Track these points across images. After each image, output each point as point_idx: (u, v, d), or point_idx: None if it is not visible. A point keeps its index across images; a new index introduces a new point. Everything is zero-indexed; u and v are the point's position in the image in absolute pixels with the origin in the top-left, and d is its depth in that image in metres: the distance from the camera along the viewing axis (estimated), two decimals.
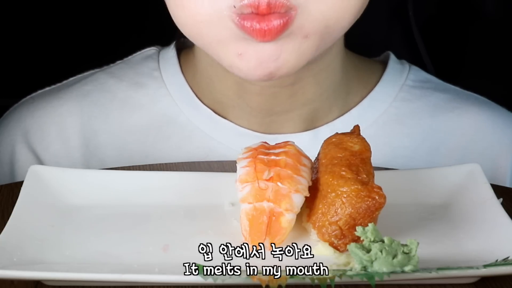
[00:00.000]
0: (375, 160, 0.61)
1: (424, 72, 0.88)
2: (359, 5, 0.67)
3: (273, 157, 0.61)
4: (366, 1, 0.68)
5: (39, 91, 0.87)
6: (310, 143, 0.66)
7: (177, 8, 0.66)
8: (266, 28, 0.63)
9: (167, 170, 0.73)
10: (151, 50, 0.87)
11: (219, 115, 0.81)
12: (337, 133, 0.63)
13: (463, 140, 0.83)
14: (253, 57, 0.65)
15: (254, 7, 0.62)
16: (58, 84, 0.87)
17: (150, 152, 0.81)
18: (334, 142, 0.62)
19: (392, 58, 0.86)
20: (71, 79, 0.87)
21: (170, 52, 0.85)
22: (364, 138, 0.62)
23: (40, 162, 0.82)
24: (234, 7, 0.63)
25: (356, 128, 0.63)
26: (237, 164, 0.62)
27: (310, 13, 0.64)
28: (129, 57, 0.88)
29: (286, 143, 0.63)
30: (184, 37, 0.72)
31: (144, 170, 0.71)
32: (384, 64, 0.86)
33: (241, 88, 0.77)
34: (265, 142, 0.64)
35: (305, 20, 0.64)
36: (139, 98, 0.83)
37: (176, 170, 0.73)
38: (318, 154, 0.63)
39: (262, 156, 0.61)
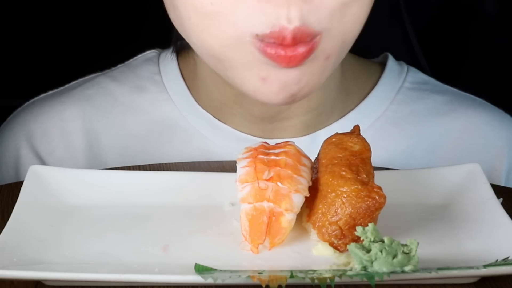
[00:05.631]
0: None
1: (422, 74, 0.88)
2: (367, 15, 0.67)
3: (273, 157, 0.61)
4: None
5: (42, 95, 0.87)
6: (309, 147, 0.66)
7: (203, 34, 0.65)
8: (292, 55, 0.62)
9: (167, 170, 0.73)
10: (151, 53, 0.87)
11: (219, 120, 0.81)
12: (337, 133, 0.63)
13: (459, 143, 0.83)
14: (276, 82, 0.64)
15: (278, 39, 0.61)
16: (61, 88, 0.87)
17: (152, 155, 0.81)
18: (334, 142, 0.62)
19: (390, 59, 0.86)
20: (73, 82, 0.87)
21: (170, 56, 0.84)
22: (364, 138, 0.62)
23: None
24: (257, 35, 0.62)
25: (356, 128, 0.63)
26: (237, 164, 0.62)
27: (332, 35, 0.64)
28: (130, 60, 0.88)
29: (286, 143, 0.63)
30: (182, 39, 0.71)
31: (144, 170, 0.71)
32: (382, 66, 0.85)
33: (243, 99, 0.77)
34: (265, 142, 0.64)
35: (328, 42, 0.64)
36: (140, 102, 0.83)
37: (176, 170, 0.73)
38: (318, 154, 0.63)
39: (262, 156, 0.61)
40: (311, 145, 0.75)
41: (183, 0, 0.64)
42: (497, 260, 0.56)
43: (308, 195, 0.60)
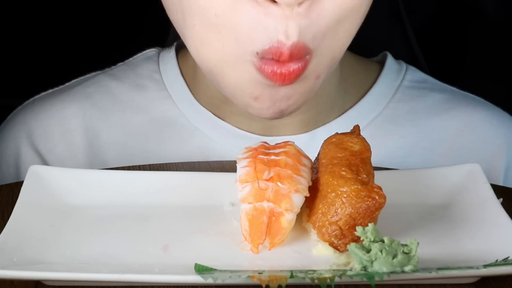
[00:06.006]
0: None
1: (420, 72, 0.88)
2: (357, 28, 0.67)
3: (273, 157, 0.61)
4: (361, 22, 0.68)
5: (42, 93, 0.87)
6: (308, 145, 0.66)
7: (203, 46, 0.65)
8: (286, 73, 0.63)
9: (167, 170, 0.73)
10: (151, 52, 0.88)
11: (218, 117, 0.81)
12: (337, 133, 0.63)
13: (457, 141, 0.83)
14: (267, 100, 0.65)
15: (276, 55, 0.62)
16: (61, 86, 0.88)
17: (151, 153, 0.81)
18: (334, 142, 0.62)
19: (389, 58, 0.86)
20: (73, 81, 0.88)
21: (170, 54, 0.85)
22: (364, 138, 0.62)
23: (45, 163, 0.82)
24: (257, 53, 0.63)
25: (356, 128, 0.63)
26: (237, 164, 0.62)
27: (322, 54, 0.65)
28: (130, 58, 0.89)
29: (286, 143, 0.63)
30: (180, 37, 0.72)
31: (144, 170, 0.71)
32: (381, 64, 0.86)
33: None
34: (265, 142, 0.64)
35: (318, 62, 0.65)
36: (140, 100, 0.84)
37: (176, 170, 0.73)
38: (318, 154, 0.63)
39: (262, 156, 0.61)
40: (310, 142, 0.75)
41: (190, 6, 0.64)
42: (497, 260, 0.56)
43: (308, 195, 0.60)
